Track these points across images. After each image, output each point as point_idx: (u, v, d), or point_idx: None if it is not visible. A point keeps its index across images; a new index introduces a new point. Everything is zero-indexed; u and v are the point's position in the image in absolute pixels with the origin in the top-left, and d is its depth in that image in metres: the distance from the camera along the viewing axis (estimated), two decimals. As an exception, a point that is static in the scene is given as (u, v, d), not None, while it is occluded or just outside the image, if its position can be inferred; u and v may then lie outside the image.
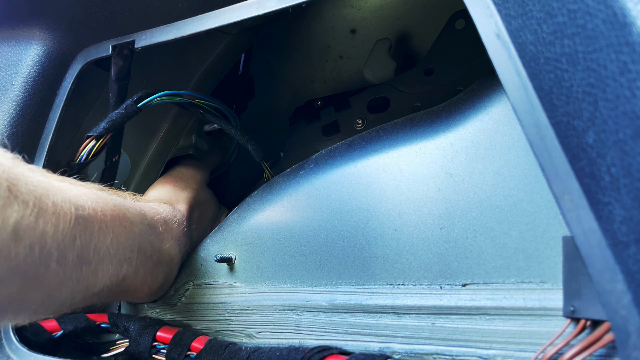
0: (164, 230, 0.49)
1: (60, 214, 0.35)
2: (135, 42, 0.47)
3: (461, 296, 0.34)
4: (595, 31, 0.24)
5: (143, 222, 0.45)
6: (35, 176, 0.35)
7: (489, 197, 0.34)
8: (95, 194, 0.41)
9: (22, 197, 0.32)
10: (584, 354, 0.26)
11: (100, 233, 0.39)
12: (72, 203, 0.37)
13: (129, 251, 0.43)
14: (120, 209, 0.42)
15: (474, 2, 0.30)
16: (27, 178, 0.34)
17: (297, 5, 0.38)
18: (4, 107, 0.49)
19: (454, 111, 0.38)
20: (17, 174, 0.33)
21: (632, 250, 0.23)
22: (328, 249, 0.41)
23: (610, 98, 0.23)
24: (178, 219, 0.52)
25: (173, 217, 0.51)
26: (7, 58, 0.51)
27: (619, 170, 0.23)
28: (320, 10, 0.74)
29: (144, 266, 0.46)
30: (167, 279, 0.50)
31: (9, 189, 0.32)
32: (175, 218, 0.51)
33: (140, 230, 0.45)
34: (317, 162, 0.45)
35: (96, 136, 0.50)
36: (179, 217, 0.52)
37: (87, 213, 0.38)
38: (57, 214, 0.35)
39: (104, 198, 0.41)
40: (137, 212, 0.45)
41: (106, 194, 0.43)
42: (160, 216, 0.49)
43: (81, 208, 0.37)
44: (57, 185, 0.37)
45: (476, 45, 0.56)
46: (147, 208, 0.48)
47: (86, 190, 0.40)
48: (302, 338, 0.41)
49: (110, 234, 0.40)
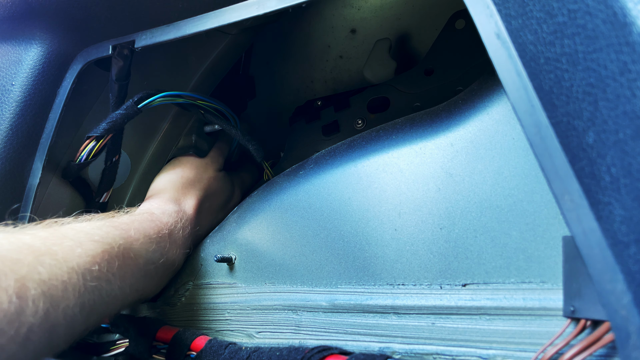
0: (169, 243, 0.48)
1: (69, 289, 0.34)
2: (135, 42, 0.47)
3: (461, 296, 0.34)
4: (596, 31, 0.24)
5: (148, 249, 0.45)
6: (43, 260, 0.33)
7: (489, 197, 0.34)
8: (101, 242, 0.39)
9: (31, 297, 0.31)
10: (584, 354, 0.26)
11: (108, 284, 0.39)
12: (80, 272, 0.36)
13: (135, 282, 0.43)
14: (126, 247, 0.42)
15: (474, 2, 0.30)
16: (35, 269, 0.32)
17: (297, 5, 0.38)
18: (4, 107, 0.49)
19: (454, 111, 0.38)
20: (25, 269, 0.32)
21: (632, 250, 0.23)
22: (328, 249, 0.41)
23: (610, 98, 0.23)
24: (182, 223, 0.51)
25: (177, 224, 0.50)
26: (7, 58, 0.51)
27: (619, 170, 0.23)
28: (320, 10, 0.74)
29: (149, 283, 0.46)
30: (169, 278, 0.51)
31: (18, 296, 0.30)
32: (179, 224, 0.51)
33: (146, 260, 0.44)
34: (317, 162, 0.45)
35: (96, 137, 0.50)
36: (184, 221, 0.52)
37: (96, 275, 0.37)
38: (66, 292, 0.34)
39: (110, 243, 0.40)
40: (141, 241, 0.44)
41: (112, 234, 0.41)
42: (164, 232, 0.48)
43: (89, 273, 0.36)
44: (62, 256, 0.35)
45: (476, 45, 0.56)
46: (149, 226, 0.47)
47: (92, 246, 0.38)
48: (302, 338, 0.41)
49: (117, 281, 0.40)
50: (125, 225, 0.44)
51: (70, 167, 0.53)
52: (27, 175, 0.51)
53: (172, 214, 0.51)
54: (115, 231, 0.42)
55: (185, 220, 0.52)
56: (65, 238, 0.37)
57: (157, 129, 0.63)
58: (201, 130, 0.67)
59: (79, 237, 0.38)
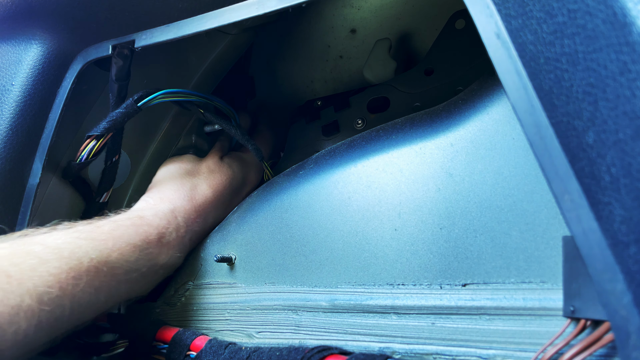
0: (158, 248, 0.47)
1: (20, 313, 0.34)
2: (135, 42, 0.47)
3: (461, 296, 0.34)
4: (595, 31, 0.24)
5: (129, 259, 0.43)
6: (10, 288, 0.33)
7: (489, 197, 0.34)
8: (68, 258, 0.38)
9: None
10: (584, 354, 0.26)
11: (72, 300, 0.38)
12: (36, 294, 0.35)
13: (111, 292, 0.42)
14: (99, 261, 0.40)
15: (474, 2, 0.30)
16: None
17: (297, 5, 0.38)
18: (4, 107, 0.49)
19: (454, 111, 0.38)
20: None
21: (632, 250, 0.23)
22: (328, 249, 0.41)
23: (610, 98, 0.23)
24: (177, 224, 0.49)
25: (170, 225, 0.48)
26: (7, 58, 0.51)
27: (619, 170, 0.23)
28: (320, 10, 0.74)
29: (132, 288, 0.45)
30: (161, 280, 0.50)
31: None
32: (172, 225, 0.49)
33: (126, 270, 0.43)
34: (317, 162, 0.45)
35: (97, 136, 0.50)
36: (179, 221, 0.50)
37: (55, 294, 0.36)
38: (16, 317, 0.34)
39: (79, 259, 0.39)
40: (121, 251, 0.43)
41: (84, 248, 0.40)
42: (151, 237, 0.46)
43: (46, 294, 0.36)
44: (17, 277, 0.35)
45: (476, 45, 0.56)
46: (135, 232, 0.45)
47: (57, 263, 0.37)
48: (302, 338, 0.41)
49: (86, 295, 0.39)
50: (104, 235, 0.43)
51: (70, 167, 0.53)
52: (27, 175, 0.51)
53: (165, 215, 0.49)
54: (89, 244, 0.41)
55: (181, 220, 0.50)
56: (29, 255, 0.36)
57: (157, 128, 0.63)
58: (201, 130, 0.67)
59: (45, 254, 0.37)
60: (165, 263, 0.48)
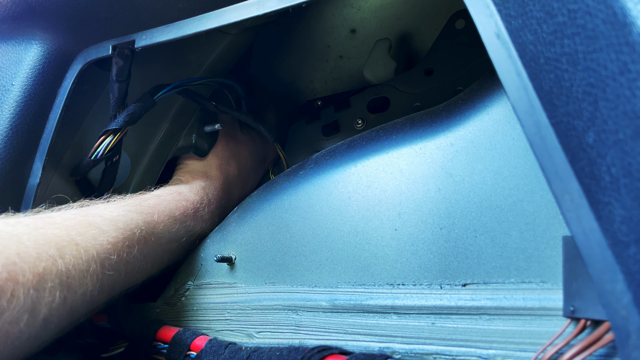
0: (194, 221, 0.52)
1: (87, 277, 0.38)
2: (135, 42, 0.47)
3: (461, 296, 0.34)
4: (595, 31, 0.24)
5: (171, 230, 0.48)
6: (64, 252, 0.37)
7: (489, 197, 0.34)
8: (123, 229, 0.43)
9: (48, 289, 0.35)
10: (584, 354, 0.26)
11: (127, 266, 0.43)
12: (99, 260, 0.39)
13: (157, 259, 0.47)
14: (148, 232, 0.45)
15: (474, 2, 0.30)
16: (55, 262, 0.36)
17: (297, 5, 0.38)
18: (4, 107, 0.49)
19: (454, 111, 0.38)
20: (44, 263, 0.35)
21: (632, 250, 0.23)
22: (328, 249, 0.41)
23: (610, 98, 0.23)
24: (208, 199, 0.54)
25: (203, 200, 0.54)
26: (7, 58, 0.51)
27: (619, 170, 0.23)
28: (320, 10, 0.74)
29: (172, 257, 0.50)
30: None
31: (36, 288, 0.34)
32: (205, 201, 0.54)
33: (169, 240, 0.48)
34: (317, 162, 0.45)
35: (113, 130, 0.51)
36: (210, 197, 0.55)
37: (115, 261, 0.41)
38: (85, 280, 0.38)
39: (132, 229, 0.43)
40: (165, 222, 0.48)
41: (135, 220, 0.45)
42: (189, 211, 0.51)
43: (107, 260, 0.40)
44: (83, 246, 0.38)
45: (476, 45, 0.56)
46: (175, 207, 0.50)
47: (115, 233, 0.42)
48: (302, 338, 0.41)
49: (137, 262, 0.44)
50: (150, 208, 0.47)
51: (83, 164, 0.53)
52: (27, 175, 0.51)
53: (198, 191, 0.54)
54: (139, 217, 0.45)
55: (212, 196, 0.55)
56: (90, 226, 0.41)
57: (157, 128, 0.63)
58: (201, 130, 0.67)
59: (104, 225, 0.42)
60: (199, 234, 0.53)
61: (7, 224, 0.37)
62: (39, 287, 0.34)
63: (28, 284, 0.33)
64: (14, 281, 0.32)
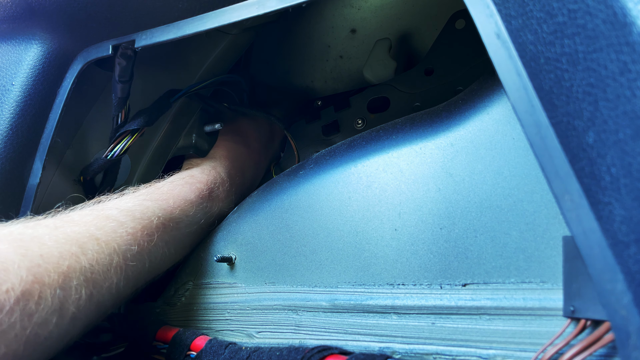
0: (210, 201, 0.52)
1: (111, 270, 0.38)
2: (135, 42, 0.47)
3: (461, 296, 0.34)
4: (596, 31, 0.24)
5: (188, 214, 0.48)
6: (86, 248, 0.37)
7: (489, 197, 0.34)
8: (140, 219, 0.43)
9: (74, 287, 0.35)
10: (584, 354, 0.26)
11: (149, 254, 0.43)
12: (121, 252, 0.39)
13: (178, 244, 0.48)
14: (165, 218, 0.45)
15: (474, 2, 0.30)
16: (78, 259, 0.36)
17: (297, 5, 0.38)
18: (4, 107, 0.49)
19: (454, 111, 0.38)
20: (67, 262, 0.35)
21: (632, 250, 0.23)
22: (328, 249, 0.41)
23: (610, 98, 0.23)
24: (222, 178, 0.55)
25: (216, 180, 0.54)
26: (7, 58, 0.51)
27: (619, 170, 0.23)
28: (321, 10, 0.74)
29: (195, 239, 0.51)
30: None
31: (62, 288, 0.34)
32: (218, 180, 0.55)
33: (188, 224, 0.48)
34: (317, 162, 0.45)
35: (132, 130, 0.51)
36: (223, 176, 0.56)
37: (137, 249, 0.41)
38: (109, 273, 0.38)
39: (149, 218, 0.44)
40: (181, 207, 0.48)
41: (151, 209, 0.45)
42: (204, 193, 0.51)
43: (129, 251, 0.40)
44: (104, 240, 0.39)
45: (476, 45, 0.56)
46: (189, 190, 0.50)
47: (132, 224, 0.42)
48: (302, 338, 0.41)
49: (159, 249, 0.45)
50: (165, 195, 0.48)
51: (98, 163, 0.53)
52: (27, 175, 0.51)
53: (210, 172, 0.55)
54: (154, 204, 0.46)
55: (225, 175, 0.56)
56: (108, 219, 0.41)
57: (157, 128, 0.63)
58: (201, 130, 0.67)
59: (121, 217, 0.42)
60: (218, 214, 0.53)
61: (27, 227, 0.37)
62: (65, 286, 0.34)
63: (54, 284, 0.33)
64: (40, 283, 0.32)
